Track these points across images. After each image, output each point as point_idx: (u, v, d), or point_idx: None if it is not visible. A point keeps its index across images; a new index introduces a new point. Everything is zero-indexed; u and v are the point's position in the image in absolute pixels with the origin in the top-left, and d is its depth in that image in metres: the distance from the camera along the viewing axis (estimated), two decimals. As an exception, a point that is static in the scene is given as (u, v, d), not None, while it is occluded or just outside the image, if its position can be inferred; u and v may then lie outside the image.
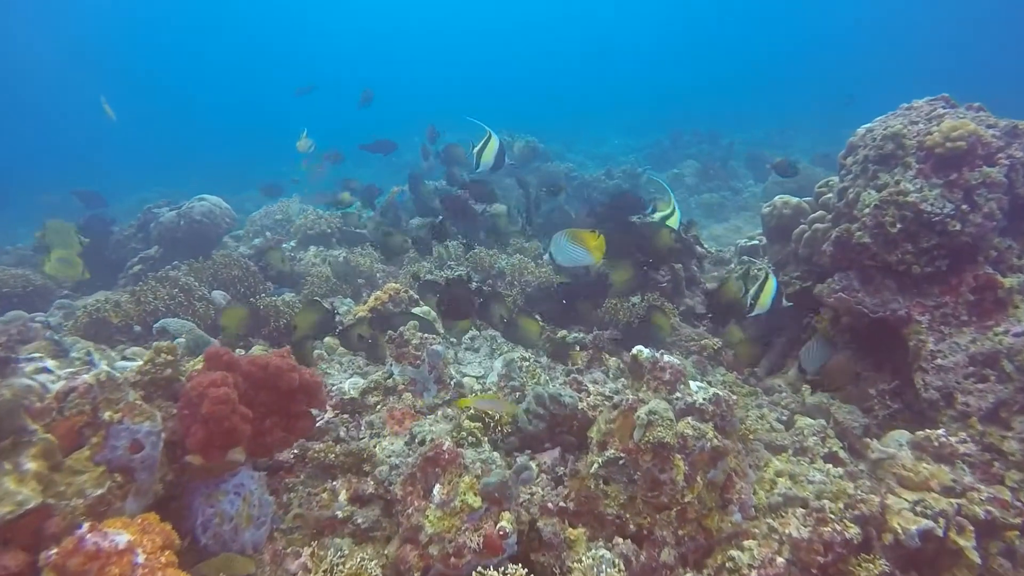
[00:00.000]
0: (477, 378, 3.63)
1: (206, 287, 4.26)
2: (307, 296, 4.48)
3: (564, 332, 4.01)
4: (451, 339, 4.13)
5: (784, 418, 3.25)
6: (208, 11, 32.93)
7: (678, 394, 2.39)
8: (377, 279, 5.41)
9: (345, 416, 2.69)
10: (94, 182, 9.92)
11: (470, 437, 2.47)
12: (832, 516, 2.15)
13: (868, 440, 2.74)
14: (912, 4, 28.61)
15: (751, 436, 2.67)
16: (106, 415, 1.54)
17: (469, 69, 34.30)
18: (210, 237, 5.70)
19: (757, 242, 5.06)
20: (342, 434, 2.55)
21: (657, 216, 3.54)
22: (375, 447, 2.56)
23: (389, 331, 3.10)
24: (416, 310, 4.40)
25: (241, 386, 1.93)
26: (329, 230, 5.73)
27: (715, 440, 2.19)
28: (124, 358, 2.91)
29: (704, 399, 2.27)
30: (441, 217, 4.71)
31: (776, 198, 4.36)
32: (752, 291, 3.04)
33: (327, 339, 4.18)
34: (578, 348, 3.69)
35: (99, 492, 1.53)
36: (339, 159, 6.93)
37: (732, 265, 5.20)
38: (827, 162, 11.49)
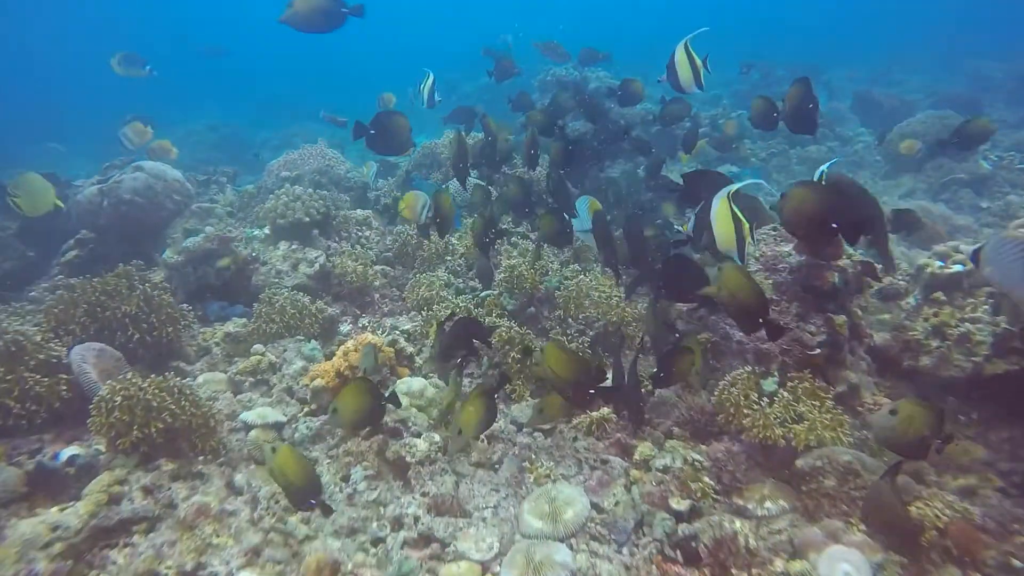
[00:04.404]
0: (481, 566, 1.98)
1: (73, 335, 2.69)
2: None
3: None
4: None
5: None
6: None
7: None
8: (375, 287, 3.78)
9: None
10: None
11: None
12: None
13: None
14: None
15: None
16: None
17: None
18: (149, 223, 4.07)
19: (960, 268, 3.08)
20: None
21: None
22: None
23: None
24: (402, 383, 2.75)
25: None
26: (308, 218, 4.03)
27: None
28: None
29: None
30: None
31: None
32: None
33: (253, 433, 2.60)
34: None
35: None
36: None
37: (910, 299, 3.26)
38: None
